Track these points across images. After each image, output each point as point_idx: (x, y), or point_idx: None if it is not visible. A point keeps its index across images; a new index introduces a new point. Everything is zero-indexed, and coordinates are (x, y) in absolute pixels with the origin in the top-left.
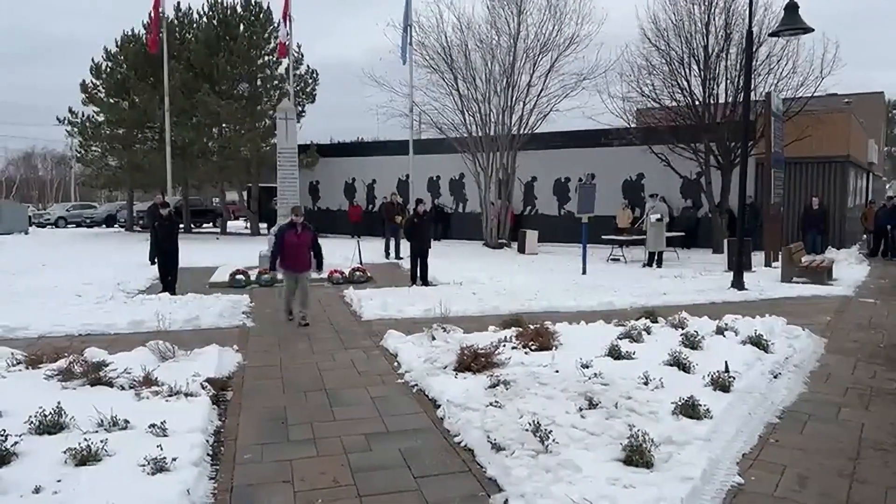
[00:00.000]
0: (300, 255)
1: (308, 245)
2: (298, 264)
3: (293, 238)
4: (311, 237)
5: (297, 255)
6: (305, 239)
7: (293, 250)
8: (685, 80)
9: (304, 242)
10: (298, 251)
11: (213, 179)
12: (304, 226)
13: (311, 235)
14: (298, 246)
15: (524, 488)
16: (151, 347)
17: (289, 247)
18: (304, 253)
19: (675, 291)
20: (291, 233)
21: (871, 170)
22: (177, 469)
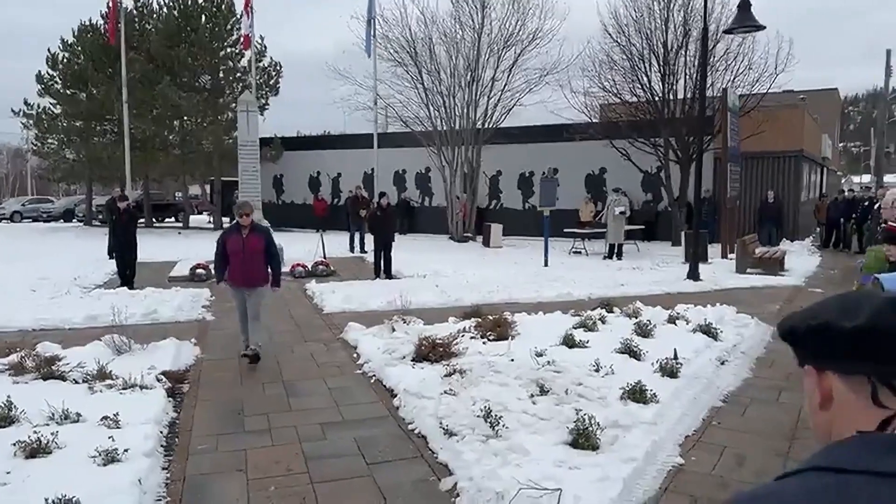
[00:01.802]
0: (249, 265)
1: (260, 252)
2: (248, 277)
3: (238, 244)
4: (263, 242)
5: (246, 265)
6: (256, 245)
7: (240, 260)
8: (645, 76)
9: (253, 250)
10: (247, 261)
11: (175, 173)
12: (255, 227)
13: (263, 240)
14: (247, 254)
15: (473, 471)
16: (107, 341)
17: (234, 255)
18: (254, 263)
19: (633, 282)
20: (236, 237)
21: (825, 164)
22: (129, 460)
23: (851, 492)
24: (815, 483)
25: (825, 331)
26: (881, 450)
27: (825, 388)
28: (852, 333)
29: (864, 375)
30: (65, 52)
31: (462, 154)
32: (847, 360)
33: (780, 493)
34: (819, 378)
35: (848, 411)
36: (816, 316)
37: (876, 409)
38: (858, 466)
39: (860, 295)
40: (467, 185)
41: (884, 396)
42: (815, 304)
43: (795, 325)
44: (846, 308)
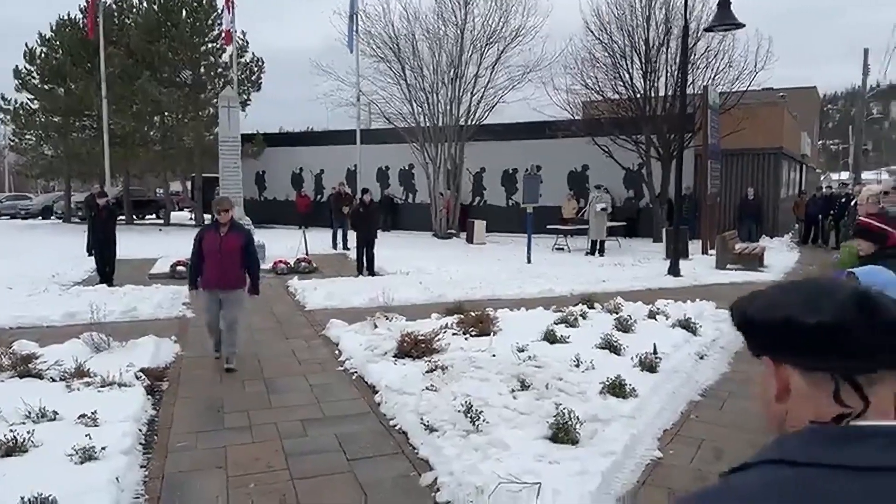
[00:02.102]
0: (226, 266)
1: (237, 253)
2: (223, 279)
3: (215, 243)
4: (240, 242)
5: (222, 266)
6: (233, 244)
7: (215, 260)
8: (627, 73)
9: (230, 249)
10: (223, 262)
11: (156, 169)
12: (234, 226)
13: (241, 239)
14: (223, 254)
15: (453, 466)
16: (85, 339)
17: (210, 255)
18: (231, 264)
19: (615, 278)
20: (213, 236)
21: (804, 162)
22: (106, 458)
23: (807, 485)
24: (770, 477)
25: (787, 326)
26: (836, 442)
27: (783, 381)
28: (816, 330)
29: (826, 371)
30: (42, 46)
31: (445, 151)
32: (808, 355)
33: (735, 490)
34: (776, 370)
35: (805, 405)
36: (776, 308)
37: (833, 405)
38: (813, 459)
39: (820, 286)
40: (451, 181)
41: (845, 394)
42: (771, 291)
43: (752, 315)
44: (808, 301)
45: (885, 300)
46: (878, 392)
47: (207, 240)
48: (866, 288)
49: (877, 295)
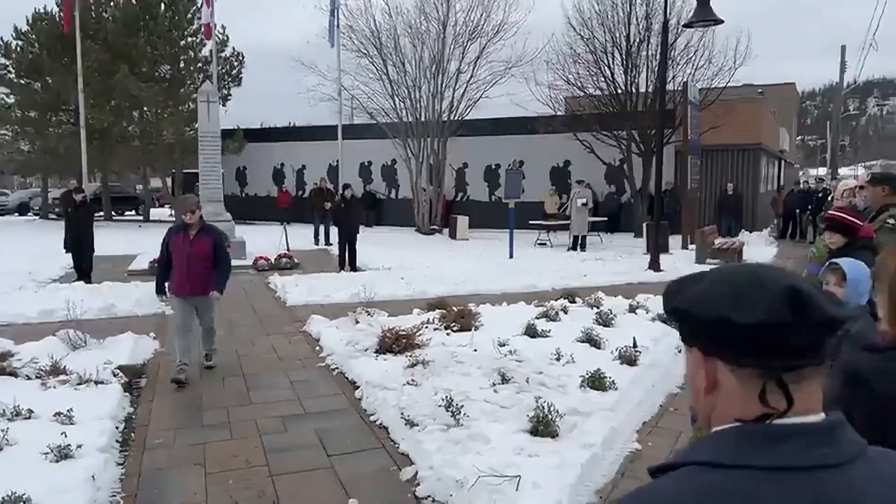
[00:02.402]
0: (197, 272)
1: (208, 256)
2: (195, 286)
3: (183, 247)
4: (211, 245)
5: (193, 272)
6: (203, 247)
7: (185, 265)
8: (608, 69)
9: (201, 253)
10: (194, 266)
11: (135, 165)
12: (204, 227)
13: (211, 242)
14: (193, 258)
15: (433, 461)
16: (62, 336)
17: (178, 260)
18: (202, 269)
19: (596, 273)
20: (180, 239)
21: (783, 157)
22: (82, 456)
23: (731, 489)
24: (696, 480)
25: (717, 323)
26: (759, 443)
27: (711, 374)
28: (747, 329)
29: (754, 369)
30: (18, 40)
31: (428, 146)
32: (737, 352)
33: (660, 494)
34: (705, 362)
35: (732, 400)
36: (705, 303)
37: (758, 403)
38: (738, 461)
39: (750, 278)
40: (433, 177)
41: (771, 393)
42: (701, 280)
43: (680, 307)
44: (738, 297)
45: (816, 296)
46: (803, 389)
47: (175, 243)
48: (797, 283)
49: (808, 290)
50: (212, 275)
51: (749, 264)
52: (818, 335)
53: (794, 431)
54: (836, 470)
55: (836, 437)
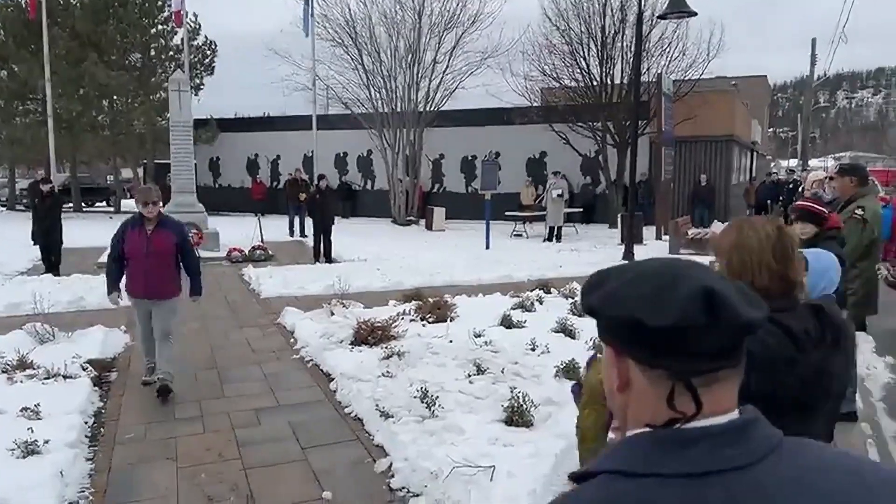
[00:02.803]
0: (155, 272)
1: (169, 255)
2: (152, 287)
3: (140, 244)
4: (172, 241)
5: (150, 271)
6: (163, 244)
7: (141, 265)
8: (584, 61)
9: (161, 251)
10: (152, 265)
11: (105, 155)
12: (164, 222)
13: (173, 238)
14: (151, 257)
15: (408, 452)
16: (29, 330)
17: (134, 259)
18: (161, 269)
19: (571, 264)
20: (137, 235)
21: (755, 149)
22: (50, 451)
23: (642, 497)
24: (609, 489)
25: (630, 325)
26: (669, 449)
27: (623, 373)
28: (658, 331)
29: (664, 370)
30: None
31: (404, 137)
32: (649, 353)
33: None
34: (618, 361)
35: (644, 401)
36: (619, 302)
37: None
38: (648, 469)
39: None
40: (409, 168)
41: (679, 397)
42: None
43: (594, 305)
44: (653, 299)
45: (732, 298)
46: (714, 391)
47: (131, 239)
48: (714, 284)
49: (723, 292)
50: (173, 275)
51: (669, 261)
52: (732, 338)
53: (702, 435)
54: (746, 470)
55: (745, 436)
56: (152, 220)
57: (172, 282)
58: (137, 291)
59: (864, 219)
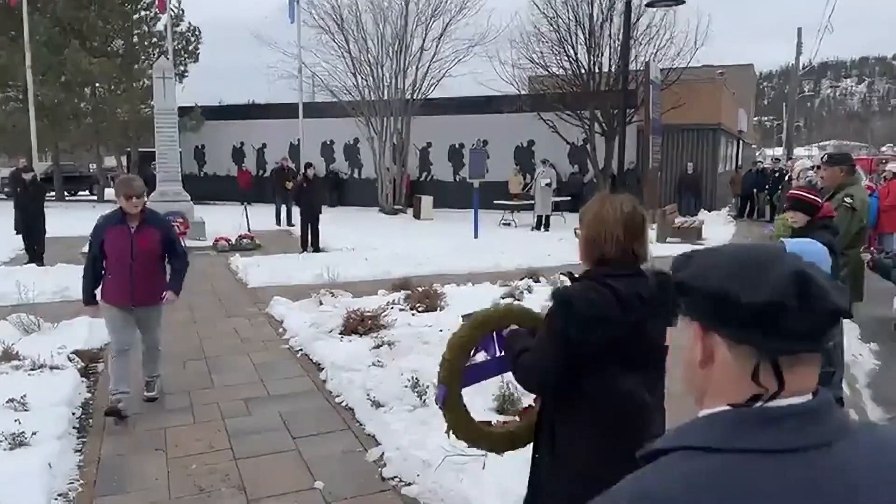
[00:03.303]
0: (141, 275)
1: (156, 255)
2: (139, 292)
3: (123, 243)
4: (159, 239)
5: (136, 275)
6: (149, 243)
7: (125, 267)
8: (572, 49)
9: (147, 250)
10: (138, 268)
11: (88, 143)
12: (149, 218)
13: (160, 235)
14: (137, 258)
15: (400, 441)
16: (13, 321)
17: (117, 260)
18: (148, 271)
19: (559, 252)
20: (119, 233)
21: (741, 137)
22: (38, 443)
23: (726, 472)
24: (688, 466)
25: (723, 301)
26: (753, 426)
27: (708, 349)
28: (751, 308)
29: (751, 347)
30: None
31: (391, 125)
32: (738, 329)
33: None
34: (704, 336)
35: (726, 377)
36: (711, 278)
37: (752, 382)
38: (731, 445)
39: (758, 257)
40: (397, 156)
41: (764, 374)
42: (707, 255)
43: (685, 281)
44: (744, 276)
45: (821, 283)
46: (796, 372)
47: (112, 239)
48: (807, 268)
49: (816, 278)
50: (161, 277)
51: (760, 244)
52: (820, 322)
53: (786, 413)
54: (826, 449)
55: (825, 416)
56: (136, 217)
57: (160, 285)
58: (121, 299)
59: (854, 207)
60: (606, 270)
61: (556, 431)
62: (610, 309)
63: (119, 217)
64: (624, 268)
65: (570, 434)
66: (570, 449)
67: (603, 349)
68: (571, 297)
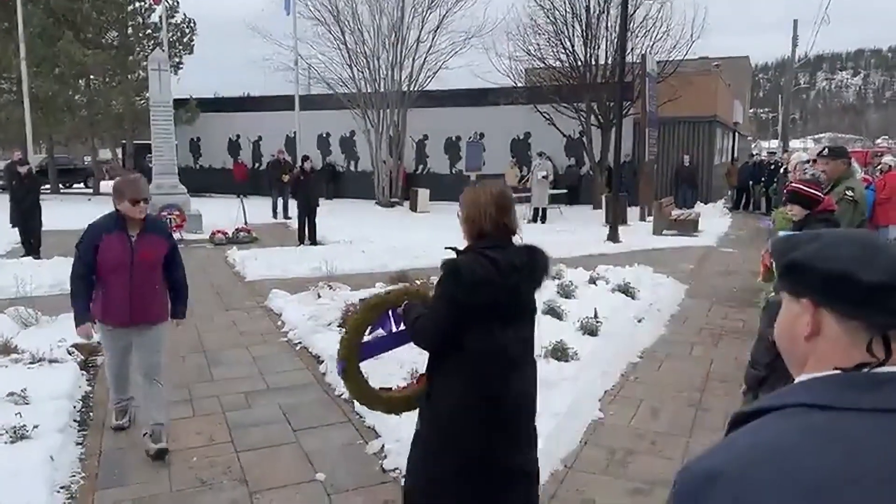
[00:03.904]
0: (143, 290)
1: (158, 266)
2: (140, 311)
3: (122, 252)
4: (164, 250)
5: (136, 290)
6: (152, 254)
7: (124, 280)
8: (568, 41)
9: (149, 261)
10: (139, 282)
11: (82, 135)
12: (150, 225)
13: (164, 245)
14: (138, 270)
15: (401, 433)
16: (11, 314)
17: (115, 271)
18: (150, 285)
19: (556, 245)
20: (118, 242)
21: (737, 129)
22: (39, 436)
23: (840, 428)
24: (804, 420)
25: (841, 280)
26: (862, 387)
27: (817, 323)
28: (868, 287)
29: (862, 322)
30: None
31: (388, 117)
32: (853, 306)
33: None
34: (814, 311)
35: (834, 348)
36: (831, 259)
37: (860, 352)
38: (844, 404)
39: (872, 242)
40: (393, 149)
41: (875, 345)
42: (822, 239)
43: (802, 261)
44: (863, 258)
45: None
46: None
47: (110, 248)
48: None
49: None
50: (163, 292)
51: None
52: None
53: (892, 378)
54: None
55: None
56: (137, 223)
57: (162, 301)
58: (119, 318)
59: (855, 200)
60: (485, 243)
61: (434, 382)
62: (491, 275)
63: (116, 222)
64: (500, 241)
65: (445, 384)
66: (442, 396)
67: (485, 309)
68: (459, 266)
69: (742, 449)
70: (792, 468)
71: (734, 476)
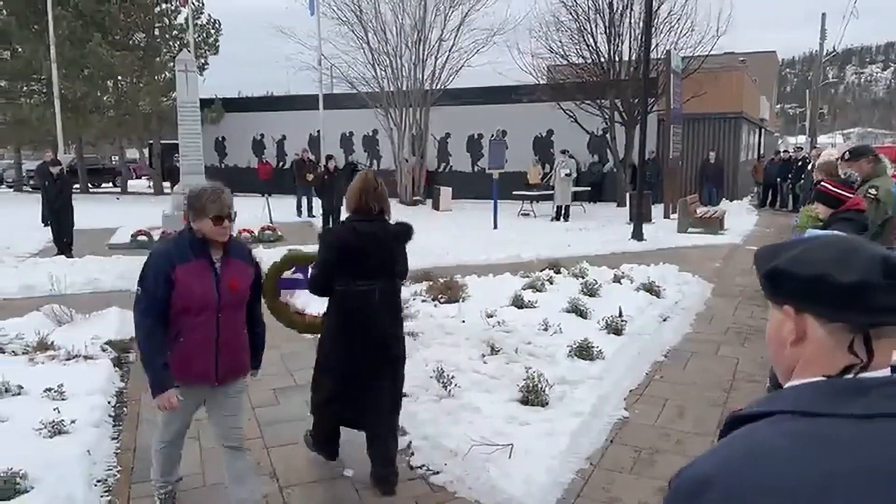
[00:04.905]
0: (227, 332)
1: (243, 303)
2: (223, 361)
3: (207, 286)
4: (251, 277)
5: (222, 331)
6: (241, 283)
7: (210, 320)
8: (591, 37)
9: (239, 295)
10: (223, 321)
11: (111, 136)
12: (232, 247)
13: (251, 273)
14: (225, 307)
15: (427, 430)
16: (46, 312)
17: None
18: (236, 326)
19: (580, 243)
20: (199, 269)
21: (763, 126)
22: (76, 431)
23: (824, 434)
24: (791, 427)
25: (818, 282)
26: (846, 394)
27: (801, 328)
28: (844, 288)
29: (844, 324)
30: None
31: (410, 116)
32: (833, 308)
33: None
34: (797, 317)
35: (818, 352)
36: (808, 264)
37: (844, 354)
38: (830, 410)
39: (850, 245)
40: (416, 147)
41: (857, 346)
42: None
43: (782, 267)
44: (839, 260)
45: None
46: (881, 346)
47: (189, 282)
48: (888, 254)
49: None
50: (248, 337)
51: (842, 236)
52: None
53: (875, 383)
54: None
55: None
56: (219, 246)
57: (247, 347)
58: (202, 375)
59: (878, 198)
60: (354, 217)
61: (326, 314)
62: (350, 239)
63: (193, 245)
64: (365, 216)
65: (329, 314)
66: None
67: (346, 264)
68: (327, 234)
69: (732, 455)
70: (779, 474)
71: (724, 482)
